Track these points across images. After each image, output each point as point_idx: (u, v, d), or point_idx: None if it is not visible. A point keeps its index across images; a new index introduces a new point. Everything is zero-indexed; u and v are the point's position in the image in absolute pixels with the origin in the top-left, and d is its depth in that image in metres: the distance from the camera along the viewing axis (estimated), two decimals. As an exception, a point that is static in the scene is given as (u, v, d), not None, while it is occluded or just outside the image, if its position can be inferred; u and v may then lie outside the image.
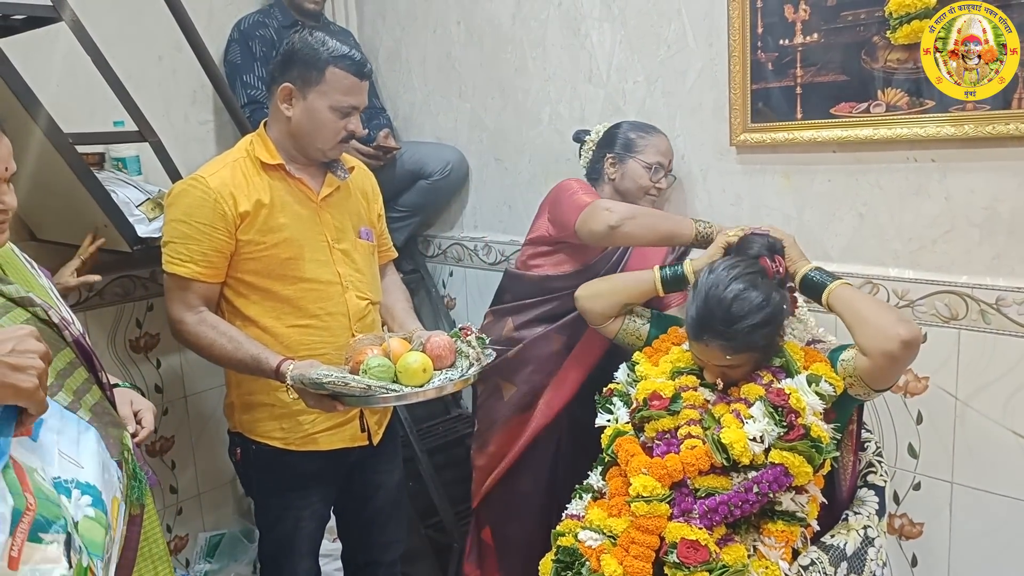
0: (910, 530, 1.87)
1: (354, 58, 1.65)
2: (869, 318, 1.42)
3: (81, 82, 2.08)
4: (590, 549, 1.42)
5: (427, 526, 2.55)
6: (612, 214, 1.74)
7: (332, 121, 1.66)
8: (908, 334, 1.37)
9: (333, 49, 1.64)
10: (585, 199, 1.85)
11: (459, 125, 2.66)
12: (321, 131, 1.67)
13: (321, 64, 1.63)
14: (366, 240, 1.85)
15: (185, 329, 1.66)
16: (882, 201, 1.80)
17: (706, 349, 1.49)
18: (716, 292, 1.46)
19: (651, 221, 1.78)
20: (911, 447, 1.84)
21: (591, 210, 1.79)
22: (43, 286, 1.32)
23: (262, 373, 1.61)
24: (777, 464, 1.36)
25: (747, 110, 1.92)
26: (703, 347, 1.49)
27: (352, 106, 1.67)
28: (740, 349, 1.46)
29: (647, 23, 2.11)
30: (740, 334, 1.44)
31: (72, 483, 0.99)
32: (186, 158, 2.29)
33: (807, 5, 1.78)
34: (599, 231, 1.76)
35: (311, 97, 1.65)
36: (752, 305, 1.44)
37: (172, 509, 2.54)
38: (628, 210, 1.77)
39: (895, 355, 1.38)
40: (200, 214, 1.62)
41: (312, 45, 1.64)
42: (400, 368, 1.53)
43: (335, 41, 1.66)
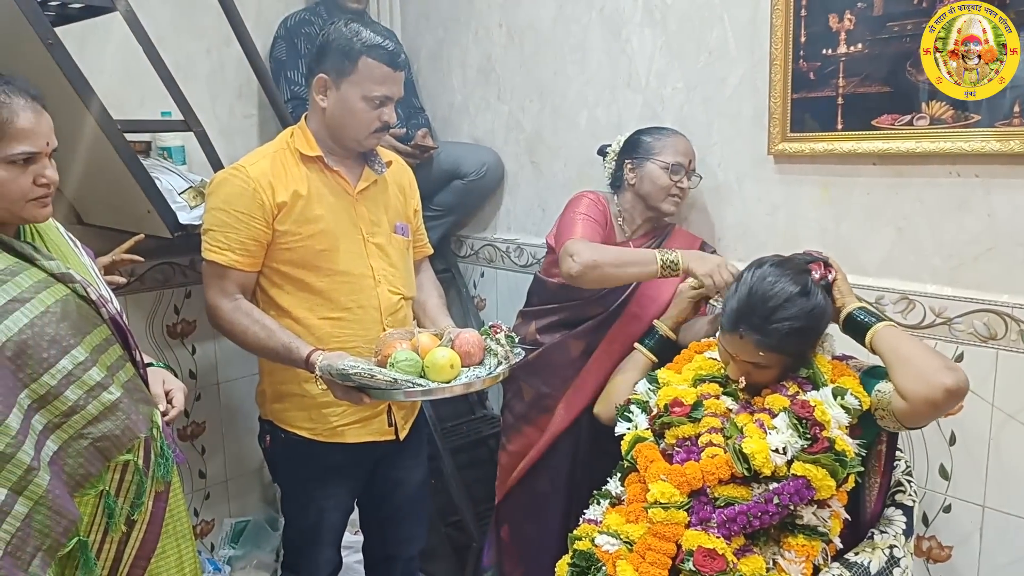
0: (938, 553, 1.83)
1: (387, 48, 1.66)
2: (913, 362, 1.36)
3: (133, 72, 2.15)
4: (607, 554, 1.41)
5: (447, 524, 2.56)
6: (574, 264, 1.75)
7: (365, 111, 1.67)
8: (953, 383, 1.31)
9: (366, 39, 1.65)
10: (569, 234, 1.85)
11: (496, 127, 2.68)
12: (354, 121, 1.69)
13: (354, 54, 1.64)
14: (401, 235, 1.86)
15: (221, 315, 1.69)
16: (922, 216, 1.77)
17: (739, 342, 1.46)
18: (762, 286, 1.45)
19: (612, 268, 1.76)
20: (943, 468, 1.80)
21: (562, 253, 1.82)
22: (84, 264, 1.37)
23: (292, 362, 1.63)
24: (799, 476, 1.34)
25: (787, 119, 1.90)
26: (736, 339, 1.46)
27: (385, 96, 1.68)
28: (774, 347, 1.43)
29: (689, 29, 2.10)
30: (778, 332, 1.42)
31: None
32: (229, 149, 2.34)
33: (852, 15, 1.76)
34: (567, 275, 1.80)
35: (344, 87, 1.66)
36: (796, 306, 1.42)
37: (200, 493, 2.59)
38: (590, 258, 1.75)
39: (937, 403, 1.33)
40: (239, 203, 1.65)
41: (346, 36, 1.65)
42: (428, 363, 1.53)
43: (369, 32, 1.66)
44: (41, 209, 1.23)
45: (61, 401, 1.20)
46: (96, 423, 1.24)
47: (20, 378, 1.16)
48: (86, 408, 1.22)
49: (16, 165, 1.18)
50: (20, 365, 1.15)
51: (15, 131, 1.17)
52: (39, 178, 1.20)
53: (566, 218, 1.94)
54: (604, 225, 1.95)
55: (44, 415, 1.19)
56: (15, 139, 1.17)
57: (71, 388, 1.20)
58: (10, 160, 1.17)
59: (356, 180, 1.77)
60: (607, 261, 1.76)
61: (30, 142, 1.18)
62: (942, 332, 1.75)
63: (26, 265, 1.21)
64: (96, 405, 1.24)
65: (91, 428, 1.23)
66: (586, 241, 1.83)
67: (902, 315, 1.80)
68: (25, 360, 1.16)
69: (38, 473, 1.15)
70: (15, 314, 1.16)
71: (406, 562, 2.05)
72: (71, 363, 1.21)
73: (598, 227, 1.91)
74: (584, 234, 1.86)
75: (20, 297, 1.17)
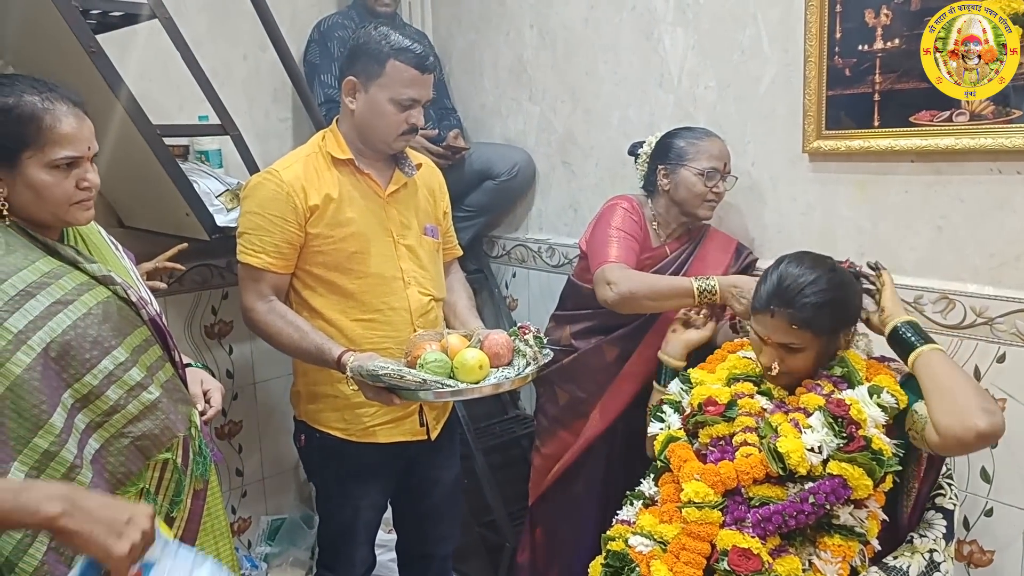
0: (979, 558, 1.79)
1: (415, 51, 1.66)
2: (952, 396, 1.31)
3: (171, 77, 2.19)
4: (640, 555, 1.41)
5: (480, 524, 2.57)
6: (611, 293, 1.76)
7: (393, 114, 1.68)
8: (987, 427, 1.27)
9: (395, 43, 1.65)
10: (604, 255, 1.85)
11: (528, 127, 2.68)
12: (382, 123, 1.69)
13: (382, 57, 1.65)
14: (431, 237, 1.87)
15: (255, 317, 1.71)
16: (962, 214, 1.73)
17: (771, 321, 1.45)
18: (792, 268, 1.47)
19: (648, 301, 1.79)
20: (984, 471, 1.76)
21: (598, 277, 1.82)
22: (125, 267, 1.40)
23: (325, 363, 1.65)
24: (835, 475, 1.32)
25: (822, 117, 1.88)
26: (768, 318, 1.46)
27: (413, 99, 1.68)
28: (806, 322, 1.42)
29: (721, 28, 2.08)
30: (809, 306, 1.42)
31: None
32: (264, 152, 2.38)
33: (889, 10, 1.73)
34: (603, 301, 1.81)
35: (372, 90, 1.67)
36: (825, 279, 1.44)
37: (237, 491, 2.63)
38: (627, 289, 1.76)
39: (967, 444, 1.30)
40: (273, 206, 1.68)
41: (375, 39, 1.66)
42: (457, 364, 1.54)
43: (398, 35, 1.67)
44: (84, 212, 1.26)
45: (102, 401, 1.23)
46: (136, 422, 1.26)
47: (64, 378, 1.19)
48: (126, 407, 1.25)
49: (59, 169, 1.21)
50: (64, 365, 1.19)
51: (58, 136, 1.20)
52: (81, 182, 1.24)
53: (600, 233, 1.92)
54: (641, 237, 1.93)
55: (86, 414, 1.22)
56: (58, 144, 1.20)
57: (112, 388, 1.23)
58: (54, 164, 1.20)
59: (386, 183, 1.79)
60: (643, 294, 1.78)
61: (73, 147, 1.21)
62: (983, 332, 1.71)
63: (69, 268, 1.24)
64: (136, 404, 1.26)
65: (131, 427, 1.26)
66: (622, 267, 1.82)
67: (942, 315, 1.76)
68: (68, 361, 1.19)
69: (81, 471, 1.18)
70: (59, 316, 1.19)
71: (440, 561, 2.07)
72: (112, 363, 1.24)
73: (634, 243, 1.90)
74: (619, 256, 1.84)
75: (64, 299, 1.20)
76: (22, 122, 1.18)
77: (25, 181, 1.20)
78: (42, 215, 1.23)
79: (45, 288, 1.19)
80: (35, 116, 1.19)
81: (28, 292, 1.17)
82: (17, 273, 1.18)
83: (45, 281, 1.20)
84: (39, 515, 0.90)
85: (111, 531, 0.91)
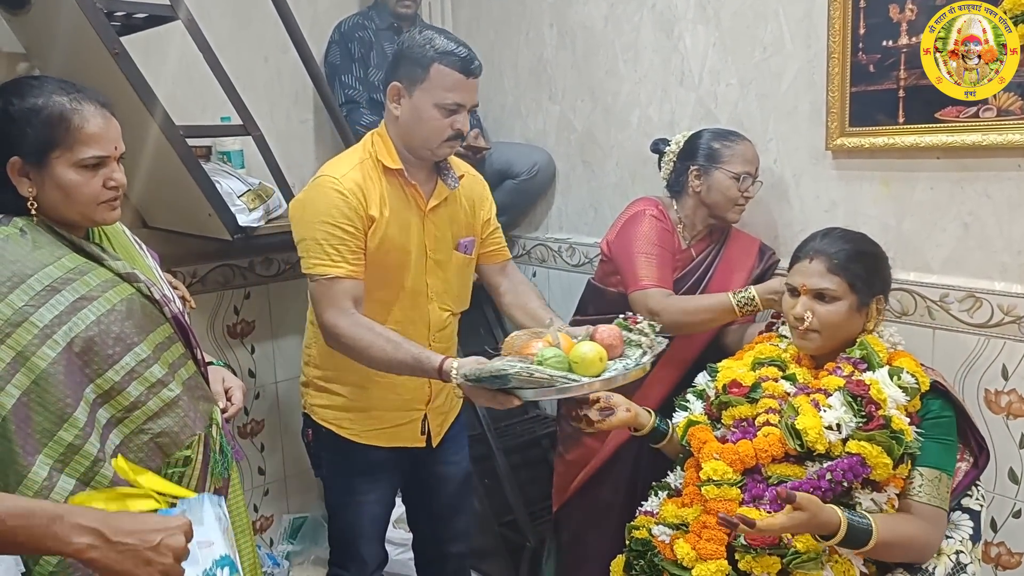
0: (1008, 560, 1.76)
1: (459, 55, 1.62)
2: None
3: (194, 79, 2.22)
4: (663, 543, 1.43)
5: (501, 524, 2.56)
6: (657, 318, 1.66)
7: (437, 119, 1.63)
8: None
9: (439, 46, 1.61)
10: (641, 277, 1.84)
11: (548, 127, 2.68)
12: (426, 129, 1.64)
13: (426, 62, 1.61)
14: (463, 253, 1.82)
15: (341, 332, 1.60)
16: (990, 211, 1.70)
17: (808, 266, 1.51)
18: (831, 229, 1.57)
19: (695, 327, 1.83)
20: (1012, 472, 1.73)
21: (638, 300, 1.83)
22: (148, 265, 1.41)
23: (424, 373, 1.55)
24: (854, 454, 1.33)
25: (845, 113, 1.85)
26: (807, 263, 1.51)
27: (457, 103, 1.63)
28: (841, 268, 1.48)
29: (743, 25, 2.07)
30: (845, 252, 1.49)
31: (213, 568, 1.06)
32: (286, 154, 2.40)
33: (913, 5, 1.70)
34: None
35: (416, 95, 1.63)
36: (865, 242, 1.55)
37: (260, 490, 2.65)
38: (672, 321, 1.74)
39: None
40: (342, 214, 1.61)
41: (419, 43, 1.62)
42: (575, 359, 1.45)
43: (443, 39, 1.63)
44: (110, 212, 1.28)
45: (124, 396, 1.24)
46: (156, 419, 1.27)
47: (87, 373, 1.20)
48: (147, 404, 1.26)
49: (87, 169, 1.23)
50: (87, 361, 1.20)
51: (86, 136, 1.22)
52: (108, 181, 1.25)
53: (632, 246, 1.89)
54: (672, 246, 1.92)
55: (108, 409, 1.23)
56: (86, 144, 1.22)
57: (133, 384, 1.24)
58: (82, 164, 1.22)
59: (429, 195, 1.74)
60: (688, 321, 1.81)
61: (100, 147, 1.23)
62: (1011, 331, 1.68)
63: (94, 265, 1.26)
64: (156, 401, 1.27)
65: (151, 424, 1.27)
66: (665, 293, 1.83)
67: (968, 313, 1.74)
68: (92, 356, 1.20)
69: (104, 465, 1.19)
70: (83, 311, 1.20)
71: (456, 559, 2.06)
72: (134, 360, 1.25)
73: (669, 257, 1.89)
74: (659, 278, 1.84)
75: (88, 295, 1.22)
76: (51, 122, 1.20)
77: (54, 180, 1.21)
78: (70, 214, 1.25)
79: (70, 284, 1.21)
80: (63, 116, 1.20)
81: (54, 287, 1.19)
82: (43, 268, 1.19)
83: (70, 277, 1.21)
84: (70, 547, 0.92)
85: (139, 561, 0.93)
